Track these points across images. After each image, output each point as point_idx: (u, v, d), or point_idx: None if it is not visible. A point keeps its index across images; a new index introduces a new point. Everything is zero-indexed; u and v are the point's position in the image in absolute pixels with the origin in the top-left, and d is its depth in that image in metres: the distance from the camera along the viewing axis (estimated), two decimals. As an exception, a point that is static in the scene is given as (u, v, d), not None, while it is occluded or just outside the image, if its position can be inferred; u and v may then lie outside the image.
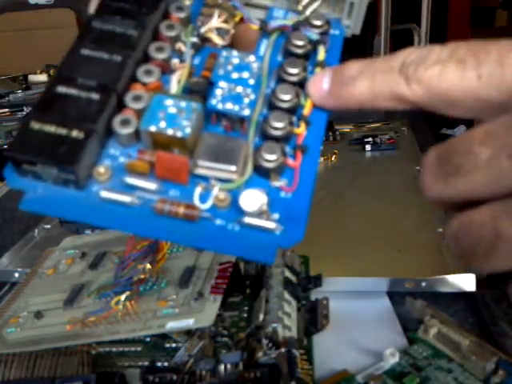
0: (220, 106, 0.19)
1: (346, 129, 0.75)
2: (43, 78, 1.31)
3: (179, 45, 0.21)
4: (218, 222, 0.18)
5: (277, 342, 0.30)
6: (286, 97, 0.20)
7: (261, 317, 0.32)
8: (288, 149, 0.20)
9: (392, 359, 0.32)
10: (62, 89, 0.18)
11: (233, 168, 0.18)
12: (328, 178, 0.59)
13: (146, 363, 0.32)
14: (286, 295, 0.34)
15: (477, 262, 0.17)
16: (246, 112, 0.19)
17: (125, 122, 0.18)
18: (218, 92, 0.20)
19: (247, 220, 0.18)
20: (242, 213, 0.18)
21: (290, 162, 0.19)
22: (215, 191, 0.18)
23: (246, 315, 0.35)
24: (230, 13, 0.23)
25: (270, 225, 0.18)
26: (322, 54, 0.22)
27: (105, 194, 0.18)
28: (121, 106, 0.19)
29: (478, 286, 0.39)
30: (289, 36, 0.22)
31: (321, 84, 0.20)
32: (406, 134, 0.72)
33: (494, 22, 2.23)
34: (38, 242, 0.52)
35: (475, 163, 0.16)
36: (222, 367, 0.29)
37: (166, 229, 0.18)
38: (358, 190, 0.57)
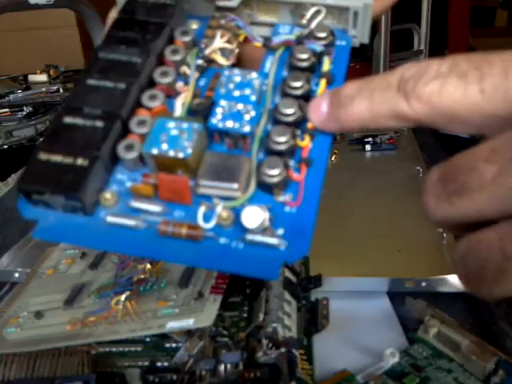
0: (220, 125, 0.19)
1: (346, 129, 0.75)
2: (43, 77, 1.31)
3: (184, 68, 0.22)
4: (222, 240, 0.18)
5: (277, 341, 0.30)
6: (289, 110, 0.20)
7: (261, 317, 0.32)
8: (293, 163, 0.20)
9: (392, 359, 0.32)
10: (68, 119, 0.19)
11: (235, 185, 0.18)
12: (328, 178, 0.59)
13: (146, 363, 0.32)
14: (286, 295, 0.34)
15: (485, 287, 0.16)
16: (246, 129, 0.19)
17: (129, 147, 0.19)
18: (219, 111, 0.20)
19: (250, 237, 0.18)
20: (246, 230, 0.18)
21: (295, 175, 0.19)
22: (218, 210, 0.18)
23: (246, 315, 0.35)
24: (234, 33, 0.23)
25: (274, 241, 0.18)
26: (326, 65, 0.22)
27: (110, 218, 0.18)
28: (126, 131, 0.19)
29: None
30: (293, 50, 0.22)
31: (320, 108, 0.20)
32: (406, 134, 0.72)
33: (494, 22, 2.23)
34: (38, 242, 0.52)
35: (480, 182, 0.15)
36: (222, 367, 0.29)
37: (171, 250, 0.18)
38: (358, 190, 0.57)
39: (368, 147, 0.68)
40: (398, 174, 0.61)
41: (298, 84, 0.21)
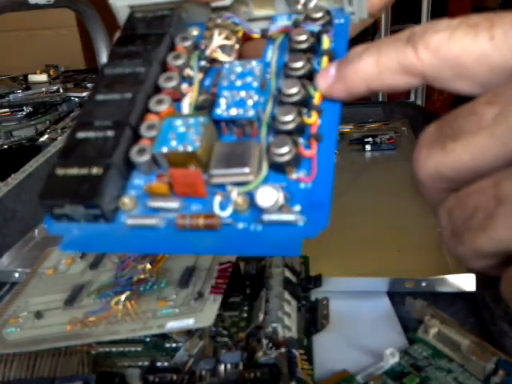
0: (225, 114, 0.20)
1: (346, 129, 0.75)
2: (43, 77, 1.31)
3: (188, 71, 0.22)
4: (240, 225, 0.18)
5: (277, 341, 0.30)
6: (293, 90, 0.20)
7: (261, 317, 0.32)
8: (303, 141, 0.20)
9: (392, 359, 0.32)
10: (81, 134, 0.20)
11: (246, 169, 0.18)
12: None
13: (146, 363, 0.32)
14: (286, 295, 0.34)
15: (470, 239, 0.15)
16: (250, 113, 0.20)
17: (141, 151, 0.19)
18: (222, 101, 0.20)
19: (267, 217, 0.18)
20: (262, 211, 0.18)
21: (306, 152, 0.19)
22: (233, 196, 0.18)
23: (246, 315, 0.35)
24: (231, 29, 0.23)
25: (291, 217, 0.18)
26: (326, 42, 0.22)
27: (130, 221, 0.19)
28: (138, 137, 0.20)
29: (477, 286, 0.39)
30: (291, 35, 0.22)
31: (328, 72, 0.20)
32: (406, 134, 0.72)
33: (494, 22, 2.23)
34: (38, 242, 0.52)
35: (479, 123, 0.15)
36: (222, 367, 0.29)
37: (191, 243, 0.18)
38: (358, 190, 0.57)
39: (368, 147, 0.68)
40: (398, 174, 0.61)
41: (298, 64, 0.21)
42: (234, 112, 0.20)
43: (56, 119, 1.01)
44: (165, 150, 0.19)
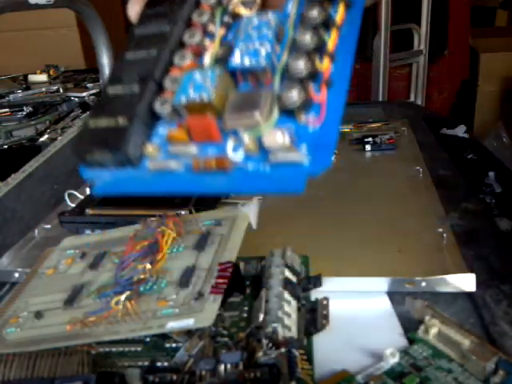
0: (239, 64, 0.21)
1: (346, 129, 0.75)
2: (43, 77, 1.31)
3: (211, 27, 0.23)
4: (250, 166, 0.20)
5: (277, 342, 0.30)
6: (306, 38, 0.21)
7: (261, 317, 0.32)
8: (314, 86, 0.20)
9: (392, 359, 0.32)
10: (111, 90, 0.22)
11: (256, 113, 0.19)
12: (328, 178, 0.59)
13: (146, 363, 0.32)
14: (286, 295, 0.34)
15: None
16: (263, 63, 0.21)
17: (163, 103, 0.21)
18: (237, 52, 0.21)
19: (273, 157, 0.19)
20: (269, 152, 0.19)
21: (316, 96, 0.20)
22: (245, 140, 0.20)
23: (246, 315, 0.35)
24: None
25: (296, 156, 0.19)
26: None
27: (152, 165, 0.21)
28: (163, 90, 0.22)
29: (478, 286, 0.39)
30: None
31: None
32: (406, 134, 0.72)
33: (494, 22, 2.23)
34: (38, 242, 0.52)
35: None
36: (222, 367, 0.29)
37: (206, 183, 0.20)
38: (358, 190, 0.57)
39: (368, 147, 0.68)
40: (398, 174, 0.61)
41: (314, 13, 0.21)
42: (247, 62, 0.21)
43: (56, 119, 1.01)
44: (183, 100, 0.20)
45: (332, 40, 0.21)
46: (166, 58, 0.22)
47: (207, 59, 0.22)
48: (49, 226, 0.54)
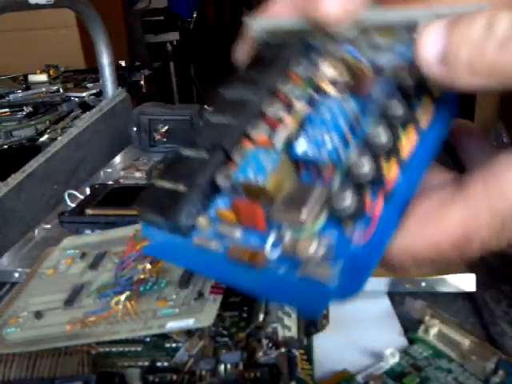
0: (301, 154, 0.19)
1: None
2: (43, 77, 1.31)
3: (294, 100, 0.21)
4: (281, 270, 0.18)
5: (277, 342, 0.30)
6: (382, 139, 0.18)
7: (261, 317, 0.32)
8: (372, 195, 0.18)
9: (392, 359, 0.32)
10: (183, 151, 0.21)
11: (302, 215, 0.17)
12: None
13: (146, 363, 0.32)
14: (286, 295, 0.34)
15: None
16: (325, 157, 0.19)
17: (226, 176, 0.20)
18: (303, 139, 0.20)
19: (304, 267, 0.17)
20: (301, 262, 0.17)
21: (370, 209, 0.17)
22: (286, 238, 0.18)
23: (245, 315, 0.35)
24: (346, 63, 0.21)
25: (324, 274, 0.17)
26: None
27: (197, 240, 0.19)
28: (230, 161, 0.20)
29: (477, 286, 0.39)
30: (403, 75, 0.20)
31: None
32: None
33: (494, 22, 2.23)
34: (38, 242, 0.52)
35: None
36: (222, 367, 0.29)
37: (236, 276, 0.19)
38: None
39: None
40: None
41: (398, 111, 0.19)
42: (310, 152, 0.19)
43: (56, 119, 1.01)
44: (240, 179, 0.19)
45: (408, 143, 0.18)
46: (241, 129, 0.21)
47: (279, 139, 0.20)
48: (49, 226, 0.54)
